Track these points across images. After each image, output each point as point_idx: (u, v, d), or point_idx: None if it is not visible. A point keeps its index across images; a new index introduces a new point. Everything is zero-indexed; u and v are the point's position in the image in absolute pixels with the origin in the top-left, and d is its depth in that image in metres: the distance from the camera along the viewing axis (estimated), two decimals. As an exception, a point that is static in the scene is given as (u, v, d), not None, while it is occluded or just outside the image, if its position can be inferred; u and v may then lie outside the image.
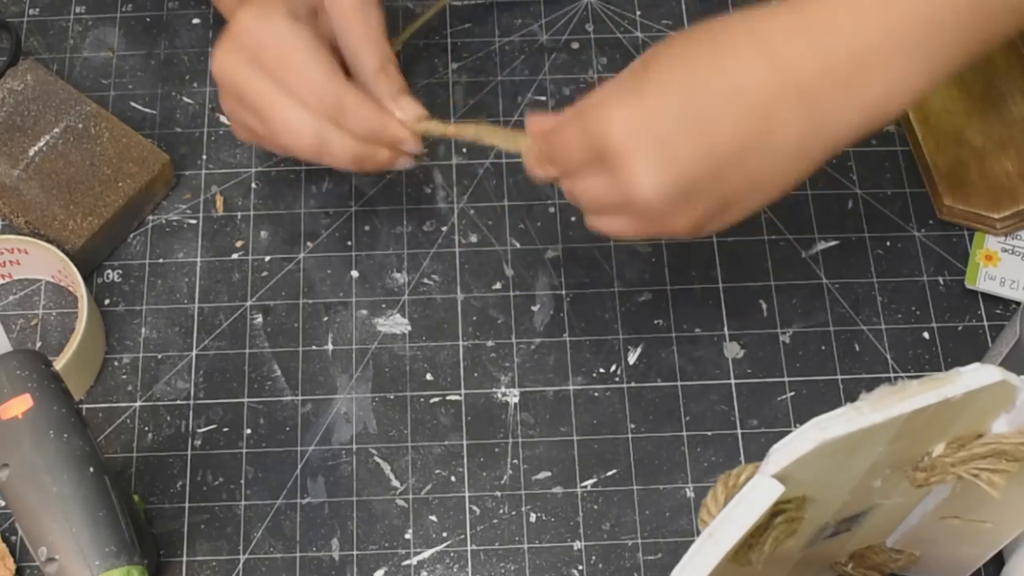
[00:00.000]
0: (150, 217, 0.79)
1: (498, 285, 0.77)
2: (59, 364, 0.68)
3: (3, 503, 0.71)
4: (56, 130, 0.77)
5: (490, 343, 0.75)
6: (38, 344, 0.75)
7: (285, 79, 0.63)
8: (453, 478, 0.72)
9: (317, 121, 0.63)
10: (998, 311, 0.76)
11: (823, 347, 0.75)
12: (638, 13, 0.85)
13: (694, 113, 0.56)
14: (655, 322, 0.76)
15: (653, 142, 0.56)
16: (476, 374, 0.74)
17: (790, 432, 0.49)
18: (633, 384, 0.74)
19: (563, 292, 0.76)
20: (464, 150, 0.81)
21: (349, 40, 0.66)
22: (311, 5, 0.66)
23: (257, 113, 0.64)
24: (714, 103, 0.56)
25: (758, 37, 0.56)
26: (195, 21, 0.85)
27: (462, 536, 0.70)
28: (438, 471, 0.72)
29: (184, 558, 0.70)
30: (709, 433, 0.73)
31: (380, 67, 0.66)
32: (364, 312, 0.76)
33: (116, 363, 0.75)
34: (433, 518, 0.71)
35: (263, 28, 0.63)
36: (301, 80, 0.63)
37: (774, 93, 0.56)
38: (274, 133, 0.64)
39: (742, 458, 0.72)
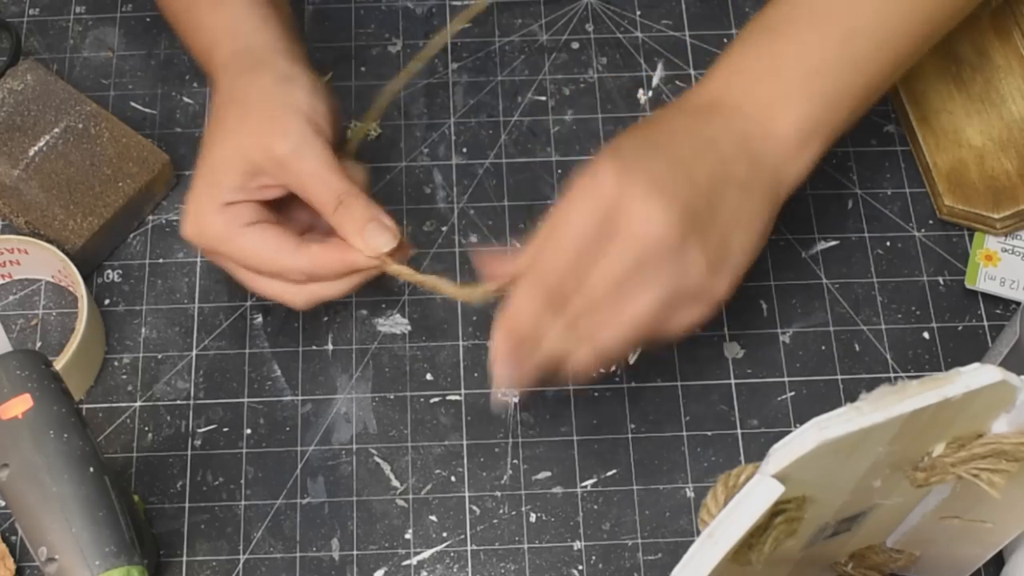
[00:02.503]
0: (150, 217, 0.79)
1: (498, 285, 0.77)
2: (59, 364, 0.68)
3: (3, 503, 0.71)
4: (56, 130, 0.77)
5: (490, 343, 0.75)
6: (38, 344, 0.75)
7: (247, 266, 0.65)
8: (453, 478, 0.72)
9: (295, 286, 0.65)
10: (998, 311, 0.76)
11: (823, 347, 0.75)
12: (638, 13, 0.85)
13: (670, 156, 0.60)
14: (655, 322, 0.76)
15: (646, 182, 0.59)
16: (476, 374, 0.74)
17: (790, 432, 0.49)
18: (633, 384, 0.74)
19: (563, 292, 0.76)
20: (464, 150, 0.81)
21: (299, 188, 0.64)
22: (244, 172, 0.64)
23: (236, 275, 0.67)
24: (684, 151, 0.61)
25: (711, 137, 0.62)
26: (195, 21, 0.85)
27: (462, 536, 0.70)
28: (438, 471, 0.72)
29: (184, 558, 0.70)
30: (709, 433, 0.73)
31: (336, 204, 0.64)
32: (364, 312, 0.76)
33: (116, 363, 0.75)
34: (433, 518, 0.71)
35: (205, 237, 0.65)
36: (259, 266, 0.65)
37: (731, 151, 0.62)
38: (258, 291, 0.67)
39: (742, 458, 0.72)
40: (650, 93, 0.82)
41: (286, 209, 0.67)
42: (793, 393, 0.74)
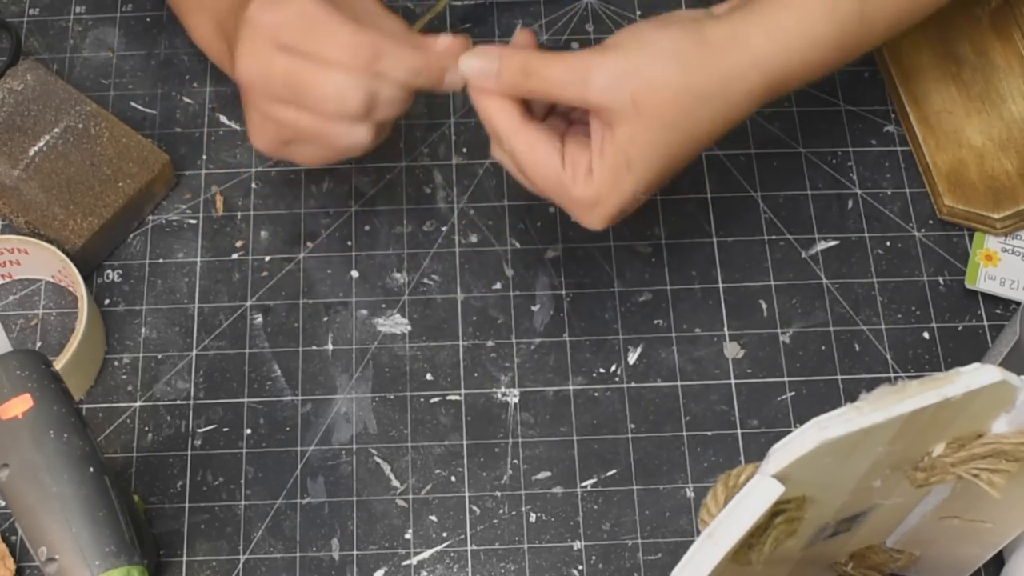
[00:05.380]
0: (150, 217, 0.79)
1: (498, 285, 0.77)
2: (59, 364, 0.68)
3: (3, 503, 0.71)
4: (56, 130, 0.77)
5: (490, 343, 0.75)
6: (38, 344, 0.75)
7: (316, 49, 0.61)
8: (453, 478, 0.72)
9: (360, 77, 0.62)
10: (998, 311, 0.76)
11: (823, 347, 0.75)
12: (638, 13, 0.85)
13: (662, 181, 0.64)
14: (655, 322, 0.76)
15: (620, 208, 0.64)
16: (476, 374, 0.74)
17: (790, 432, 0.49)
18: (633, 384, 0.74)
19: (563, 292, 0.76)
20: (464, 150, 0.81)
21: (372, 18, 0.64)
22: None
23: (295, 95, 0.62)
24: (678, 166, 0.64)
25: (727, 104, 0.62)
26: (195, 21, 0.85)
27: (462, 536, 0.70)
28: (438, 471, 0.72)
29: (184, 558, 0.70)
30: (709, 433, 0.73)
31: (409, 27, 0.65)
32: (364, 312, 0.76)
33: (116, 363, 0.75)
34: (433, 518, 0.71)
35: (276, 10, 0.62)
36: (331, 43, 0.61)
37: (724, 128, 0.63)
38: (318, 106, 0.62)
39: (742, 458, 0.72)
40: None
41: None
42: (793, 393, 0.74)
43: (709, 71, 0.61)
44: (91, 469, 0.59)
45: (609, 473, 0.72)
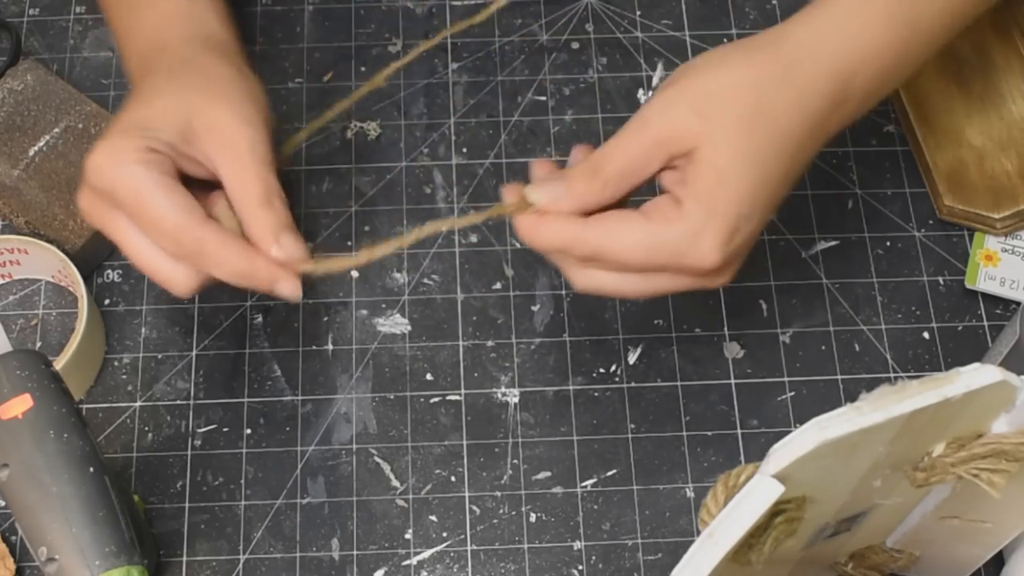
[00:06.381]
0: (150, 217, 0.79)
1: (498, 285, 0.77)
2: (59, 364, 0.68)
3: (3, 503, 0.71)
4: (56, 130, 0.77)
5: (490, 343, 0.75)
6: (38, 344, 0.75)
7: (141, 222, 0.59)
8: (453, 478, 0.72)
9: (181, 264, 0.60)
10: (998, 311, 0.76)
11: (823, 347, 0.75)
12: (638, 13, 0.85)
13: (770, 202, 0.58)
14: (655, 322, 0.76)
15: (747, 246, 0.58)
16: (476, 374, 0.74)
17: (790, 432, 0.49)
18: (633, 384, 0.74)
19: (563, 292, 0.76)
20: (464, 150, 0.81)
21: (228, 170, 0.60)
22: (180, 130, 0.60)
23: (125, 251, 0.61)
24: (781, 183, 0.58)
25: (799, 95, 0.58)
26: (195, 21, 0.85)
27: (462, 536, 0.70)
28: (438, 471, 0.72)
29: (184, 558, 0.70)
30: (709, 433, 0.73)
31: (263, 200, 0.60)
32: (364, 312, 0.76)
33: (116, 363, 0.75)
34: (433, 518, 0.71)
35: (113, 170, 0.59)
36: (156, 224, 0.59)
37: (812, 149, 0.59)
38: (145, 274, 0.61)
39: (742, 458, 0.72)
40: (650, 93, 0.82)
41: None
42: (793, 393, 0.74)
43: (761, 60, 0.58)
44: (91, 469, 0.59)
45: (609, 473, 0.72)
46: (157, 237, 0.59)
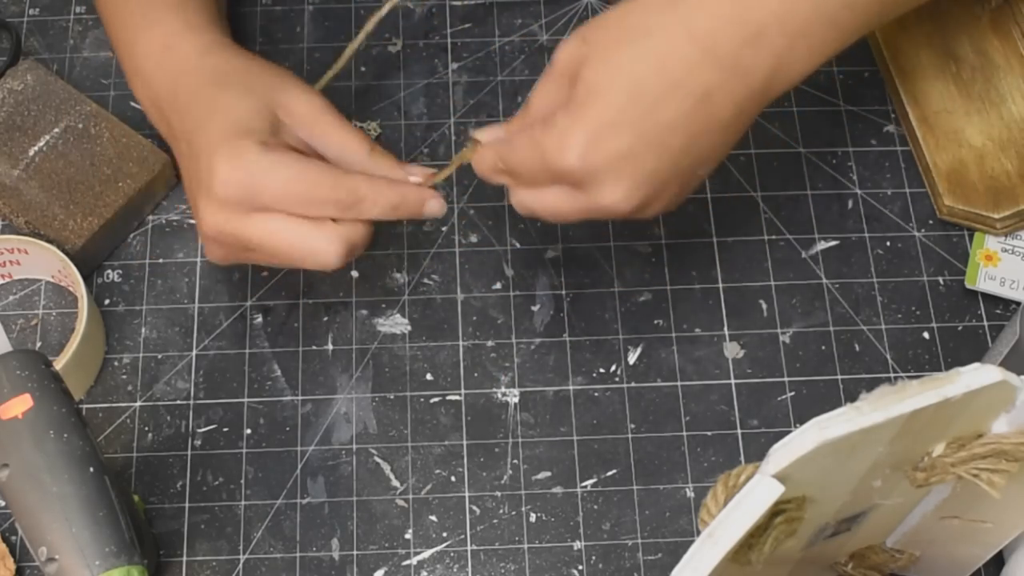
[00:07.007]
0: (150, 217, 0.79)
1: (498, 285, 0.77)
2: (59, 364, 0.68)
3: (3, 503, 0.71)
4: (56, 130, 0.77)
5: (490, 343, 0.75)
6: (38, 344, 0.75)
7: (293, 199, 0.61)
8: (453, 478, 0.72)
9: (342, 228, 0.62)
10: (998, 311, 0.76)
11: (823, 347, 0.75)
12: (638, 13, 0.85)
13: (644, 119, 0.58)
14: (655, 322, 0.76)
15: (616, 160, 0.58)
16: (476, 374, 0.74)
17: (790, 432, 0.49)
18: (633, 384, 0.74)
19: (563, 292, 0.76)
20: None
21: (329, 138, 0.64)
22: (270, 121, 0.63)
23: (271, 256, 0.62)
24: (659, 102, 0.58)
25: (681, 18, 0.58)
26: (195, 21, 0.85)
27: (462, 536, 0.70)
28: (438, 471, 0.72)
29: (184, 558, 0.70)
30: (709, 433, 0.73)
31: (372, 146, 0.65)
32: (364, 312, 0.76)
33: (116, 363, 0.75)
34: (433, 518, 0.71)
35: (245, 170, 0.60)
36: (312, 191, 0.61)
37: (709, 74, 0.58)
38: (296, 263, 0.62)
39: (742, 458, 0.72)
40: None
41: None
42: (793, 393, 0.74)
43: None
44: (91, 469, 0.59)
45: (609, 473, 0.72)
46: (310, 205, 0.61)
